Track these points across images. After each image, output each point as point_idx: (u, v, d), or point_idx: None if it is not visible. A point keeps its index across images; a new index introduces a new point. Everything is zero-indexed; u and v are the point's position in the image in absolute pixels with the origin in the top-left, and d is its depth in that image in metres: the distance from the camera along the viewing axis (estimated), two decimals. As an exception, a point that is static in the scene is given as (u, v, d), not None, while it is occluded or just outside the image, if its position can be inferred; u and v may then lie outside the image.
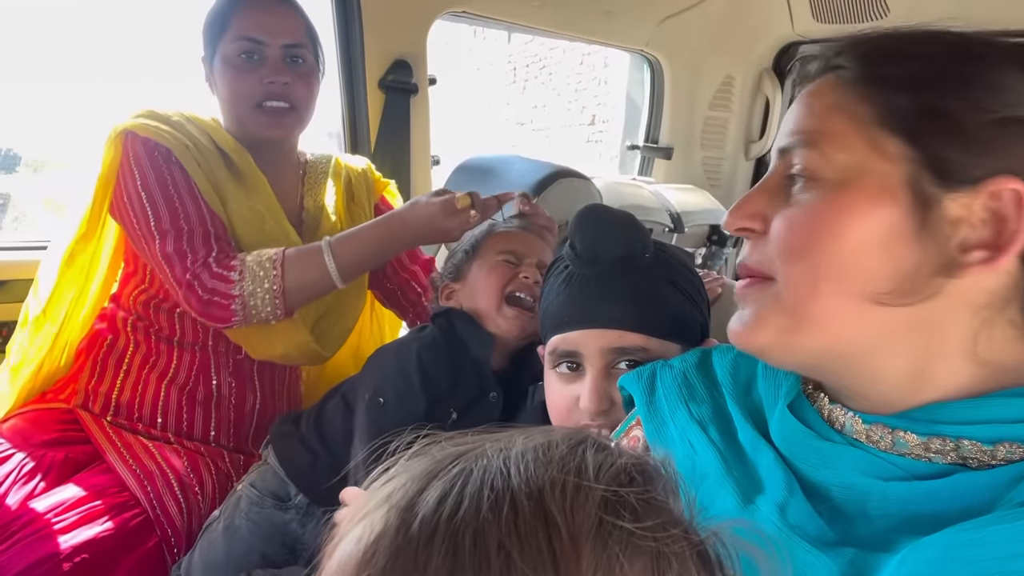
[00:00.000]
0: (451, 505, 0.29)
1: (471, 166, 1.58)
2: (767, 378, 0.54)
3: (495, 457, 0.31)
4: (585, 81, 6.19)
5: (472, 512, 0.28)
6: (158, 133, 1.04)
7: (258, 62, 1.07)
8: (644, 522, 0.30)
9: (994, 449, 0.41)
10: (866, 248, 0.43)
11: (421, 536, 0.28)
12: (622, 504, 0.30)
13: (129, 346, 1.12)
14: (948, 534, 0.37)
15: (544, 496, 0.29)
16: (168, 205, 1.02)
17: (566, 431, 0.34)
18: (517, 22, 1.96)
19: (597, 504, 0.29)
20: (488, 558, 0.27)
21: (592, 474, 0.30)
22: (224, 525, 0.99)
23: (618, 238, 0.72)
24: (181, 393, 1.11)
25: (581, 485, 0.30)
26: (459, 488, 0.30)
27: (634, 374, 0.62)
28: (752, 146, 2.34)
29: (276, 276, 1.00)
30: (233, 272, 1.00)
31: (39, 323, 1.09)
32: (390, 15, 1.65)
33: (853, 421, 0.47)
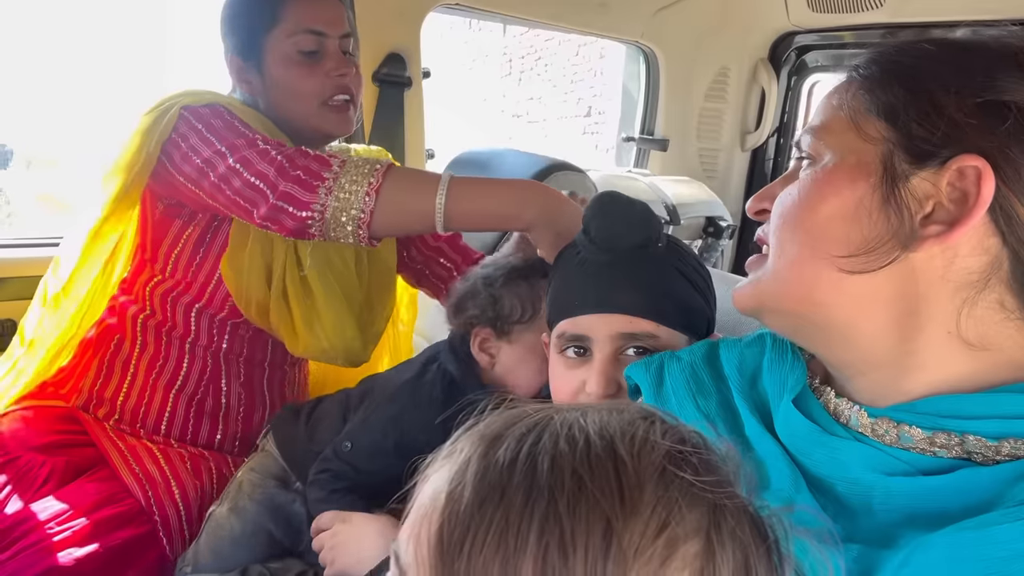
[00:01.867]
0: (532, 438, 0.33)
1: (466, 160, 1.58)
2: (772, 372, 0.54)
3: (574, 411, 0.35)
4: (581, 72, 6.17)
5: (551, 444, 0.33)
6: (212, 98, 0.98)
7: (319, 56, 1.02)
8: (704, 477, 0.33)
9: (999, 445, 0.41)
10: (837, 217, 0.47)
11: (505, 460, 0.32)
12: (685, 460, 0.33)
13: (135, 348, 1.09)
14: (952, 533, 0.37)
15: (615, 440, 0.33)
16: (231, 129, 0.93)
17: (638, 405, 0.37)
18: (511, 14, 1.94)
19: (663, 455, 0.33)
20: (563, 480, 0.31)
21: (659, 434, 0.34)
22: (229, 508, 0.98)
23: (634, 226, 0.72)
24: (189, 403, 1.08)
25: (648, 439, 0.34)
26: (540, 427, 0.34)
27: (642, 364, 0.63)
28: (748, 137, 2.33)
29: (378, 171, 0.89)
30: (334, 159, 0.90)
31: (57, 301, 1.05)
32: (383, 8, 1.64)
33: (859, 415, 0.47)
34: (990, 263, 0.43)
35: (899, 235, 0.44)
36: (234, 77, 1.07)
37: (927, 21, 1.76)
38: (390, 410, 0.92)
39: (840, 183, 0.47)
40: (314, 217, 0.89)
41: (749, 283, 0.53)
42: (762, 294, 0.51)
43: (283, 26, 1.00)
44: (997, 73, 0.42)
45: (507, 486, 0.31)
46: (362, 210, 0.88)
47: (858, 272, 0.45)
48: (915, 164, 0.44)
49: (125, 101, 3.11)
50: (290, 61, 1.01)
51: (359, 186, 0.89)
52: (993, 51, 0.44)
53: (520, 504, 0.31)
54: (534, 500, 0.31)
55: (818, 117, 0.51)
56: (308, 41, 1.01)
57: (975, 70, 0.43)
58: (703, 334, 0.75)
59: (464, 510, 0.32)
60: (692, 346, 0.64)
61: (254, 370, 1.13)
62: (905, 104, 0.45)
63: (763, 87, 2.26)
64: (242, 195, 0.91)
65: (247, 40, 1.03)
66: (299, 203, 0.89)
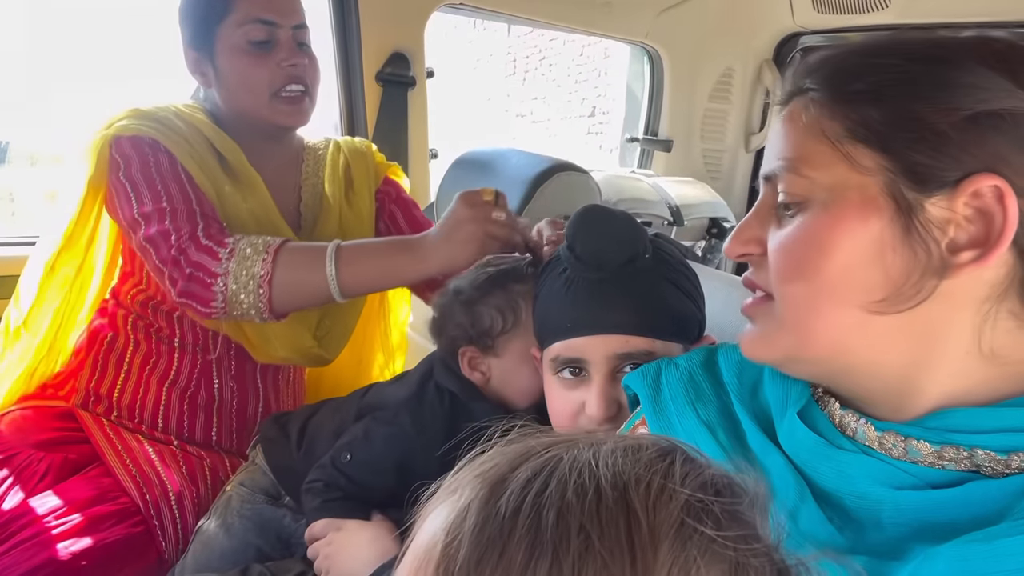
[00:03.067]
0: (539, 485, 0.30)
1: (469, 160, 1.57)
2: (775, 382, 0.53)
3: (586, 450, 0.32)
4: (585, 72, 6.16)
5: (558, 494, 0.30)
6: (139, 129, 0.98)
7: (270, 47, 1.00)
8: (726, 532, 0.30)
9: (1008, 459, 0.41)
10: (856, 261, 0.44)
11: (508, 509, 0.30)
12: (705, 511, 0.30)
13: (129, 345, 1.10)
14: (959, 545, 0.37)
15: (629, 490, 0.30)
16: (151, 190, 0.95)
17: (656, 439, 0.35)
18: (515, 14, 1.94)
19: (680, 506, 0.30)
20: (568, 537, 0.28)
21: (679, 479, 0.31)
22: (217, 524, 0.97)
23: (621, 242, 0.70)
24: (183, 396, 1.09)
25: (666, 487, 0.31)
26: (548, 471, 0.31)
27: (639, 372, 0.62)
28: (752, 138, 2.33)
29: (266, 261, 0.91)
30: (223, 249, 0.92)
31: (17, 335, 1.06)
32: (387, 8, 1.64)
33: (865, 428, 0.46)
34: (1007, 274, 0.42)
35: (929, 267, 0.42)
36: (190, 69, 1.06)
37: (934, 23, 1.76)
38: (392, 430, 0.89)
39: (850, 224, 0.43)
40: (217, 310, 0.93)
41: (761, 335, 0.49)
42: (782, 349, 0.48)
43: (234, 16, 0.99)
44: (978, 82, 0.41)
45: (507, 542, 0.29)
46: (260, 299, 0.92)
47: (890, 313, 0.43)
48: (923, 191, 0.42)
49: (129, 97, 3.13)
50: (240, 51, 1.00)
51: (251, 278, 0.91)
52: (965, 57, 0.42)
53: (521, 565, 0.28)
54: (537, 559, 0.28)
55: (789, 147, 0.47)
56: (258, 31, 0.99)
57: (952, 81, 0.42)
58: (695, 338, 0.74)
59: (459, 568, 0.29)
60: (690, 353, 0.62)
61: (245, 363, 1.13)
62: (891, 127, 0.43)
63: (768, 88, 2.25)
64: (158, 272, 0.95)
65: (200, 31, 1.01)
66: (200, 299, 0.93)
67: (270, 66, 1.00)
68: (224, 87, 1.03)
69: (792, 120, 0.47)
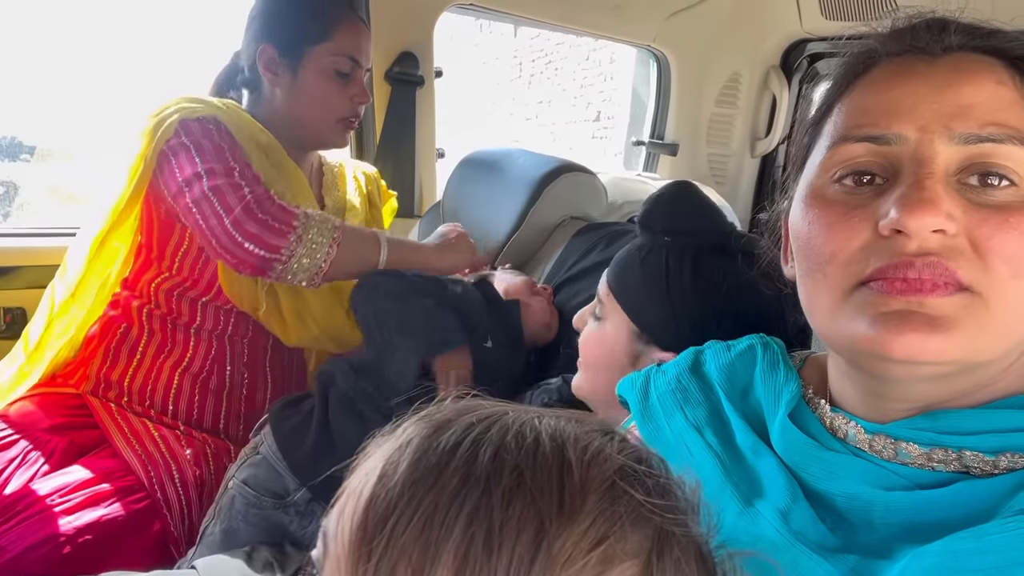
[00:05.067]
0: (480, 428, 0.31)
1: (476, 160, 1.58)
2: (767, 384, 0.53)
3: (529, 412, 0.34)
4: (591, 77, 6.17)
5: (498, 436, 0.31)
6: (203, 111, 1.05)
7: (349, 80, 1.15)
8: (655, 500, 0.30)
9: (996, 459, 0.41)
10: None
11: (448, 443, 0.31)
12: (637, 479, 0.31)
13: (143, 335, 1.13)
14: (948, 542, 0.37)
15: (567, 445, 0.31)
16: (216, 152, 1.02)
17: (601, 421, 0.35)
18: (524, 15, 1.95)
19: (614, 468, 0.31)
20: (501, 473, 0.29)
21: (615, 448, 0.32)
22: (221, 529, 0.95)
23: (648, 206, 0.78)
24: (194, 381, 1.13)
25: (603, 450, 0.31)
26: (492, 419, 0.32)
27: (628, 380, 0.62)
28: (758, 143, 2.33)
29: (337, 236, 1.03)
30: (297, 211, 1.02)
31: (66, 307, 1.10)
32: (397, 7, 1.65)
33: (856, 431, 0.46)
34: None
35: None
36: (262, 64, 1.12)
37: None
38: None
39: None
40: (280, 260, 1.01)
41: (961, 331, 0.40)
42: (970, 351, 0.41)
43: (330, 44, 1.13)
44: None
45: (443, 470, 0.30)
46: (325, 260, 1.03)
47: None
48: None
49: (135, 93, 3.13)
50: (326, 75, 1.13)
51: (325, 238, 1.03)
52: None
53: (453, 489, 0.29)
54: (468, 487, 0.29)
55: (1004, 113, 0.40)
56: (345, 64, 1.14)
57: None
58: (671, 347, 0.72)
59: (394, 487, 0.30)
60: (677, 358, 0.62)
61: (257, 352, 1.19)
62: None
63: (774, 94, 2.25)
64: (207, 222, 1.00)
65: (292, 41, 1.12)
66: (267, 245, 1.00)
67: (345, 96, 1.15)
68: (295, 96, 1.14)
69: (989, 82, 0.41)
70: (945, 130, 0.41)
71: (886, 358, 0.41)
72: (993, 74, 0.41)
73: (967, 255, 0.40)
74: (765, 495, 0.47)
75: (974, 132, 0.40)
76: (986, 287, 0.39)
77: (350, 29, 1.14)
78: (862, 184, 0.43)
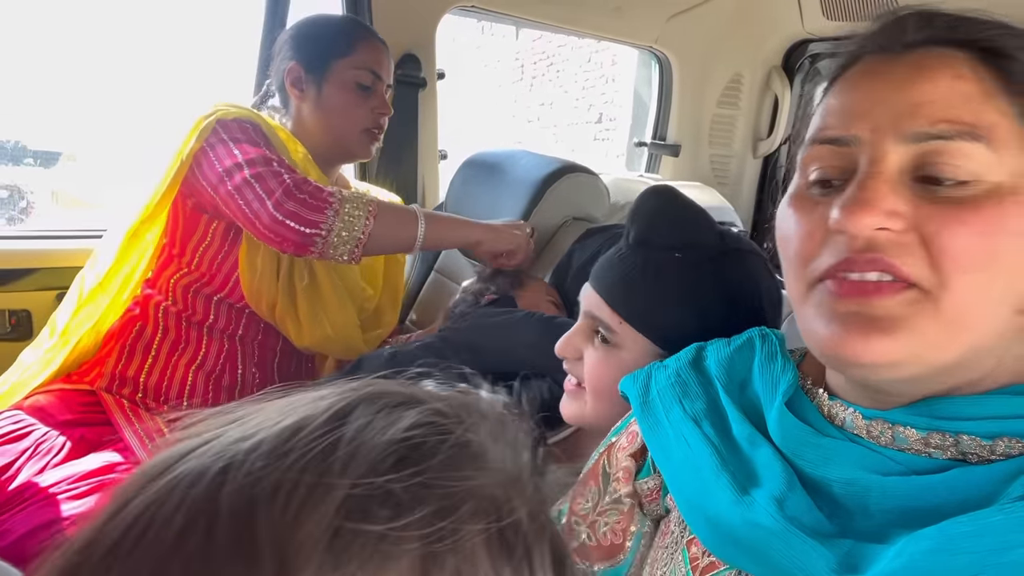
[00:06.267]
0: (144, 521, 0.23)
1: (479, 161, 1.59)
2: (764, 376, 0.54)
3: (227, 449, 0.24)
4: (593, 79, 6.18)
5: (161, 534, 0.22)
6: (240, 114, 1.12)
7: (370, 93, 1.23)
8: (406, 517, 0.23)
9: (993, 444, 0.41)
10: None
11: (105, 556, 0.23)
12: (374, 500, 0.23)
13: (157, 332, 1.17)
14: (945, 526, 0.37)
15: (257, 507, 0.22)
16: (254, 147, 1.08)
17: (331, 398, 0.27)
18: (526, 17, 1.95)
19: (335, 507, 0.23)
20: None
21: (341, 462, 0.23)
22: None
23: (642, 220, 0.74)
24: (208, 379, 1.16)
25: (319, 485, 0.23)
26: (164, 494, 0.23)
27: (630, 377, 0.63)
28: (760, 144, 2.33)
29: (373, 209, 1.08)
30: (332, 189, 1.08)
31: (93, 295, 1.13)
32: (399, 9, 1.66)
33: (854, 417, 0.46)
34: None
35: None
36: (289, 81, 1.21)
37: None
38: None
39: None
40: (320, 234, 1.06)
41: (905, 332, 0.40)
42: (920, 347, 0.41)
43: (352, 58, 1.21)
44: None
45: None
46: (363, 232, 1.07)
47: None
48: None
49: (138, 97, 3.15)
50: (349, 88, 1.22)
51: (361, 211, 1.08)
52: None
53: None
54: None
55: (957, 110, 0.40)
56: (367, 77, 1.22)
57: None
58: None
59: None
60: (679, 353, 0.62)
61: (267, 353, 1.22)
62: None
63: (776, 94, 2.26)
64: (250, 206, 1.05)
65: (317, 57, 1.21)
66: (306, 221, 1.05)
67: (367, 108, 1.23)
68: (321, 108, 1.22)
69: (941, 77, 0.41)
70: (895, 130, 0.41)
71: (842, 360, 0.42)
72: (951, 69, 0.42)
73: (916, 252, 0.40)
74: (761, 483, 0.47)
75: (924, 130, 0.41)
76: (935, 284, 0.40)
77: (371, 45, 1.23)
78: (829, 186, 0.45)
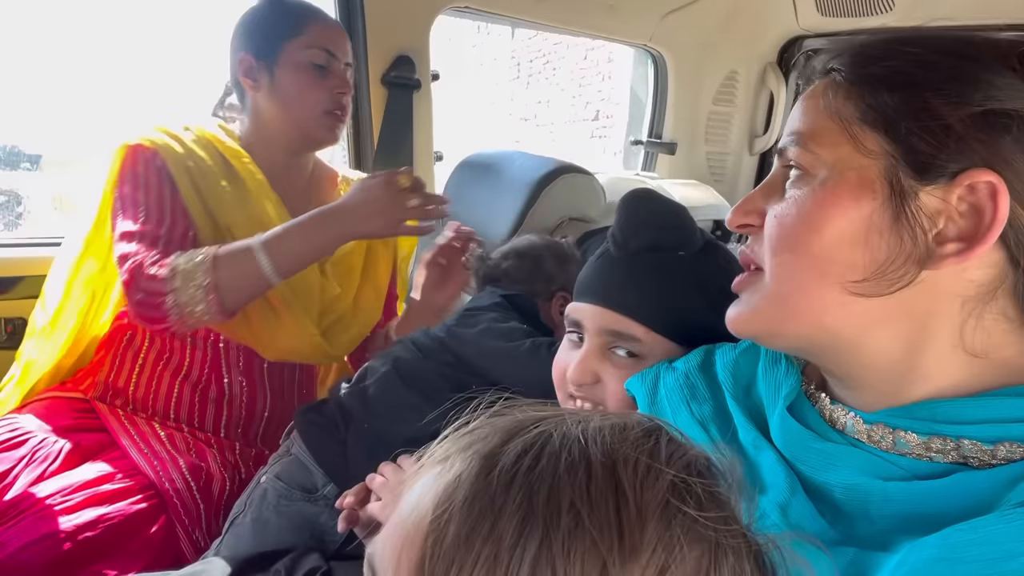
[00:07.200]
0: (530, 460, 0.30)
1: (474, 162, 1.58)
2: (767, 379, 0.54)
3: (574, 426, 0.32)
4: (589, 76, 6.17)
5: (550, 470, 0.30)
6: (152, 141, 1.08)
7: (326, 73, 1.14)
8: (707, 512, 0.30)
9: (994, 449, 0.41)
10: (844, 240, 0.45)
11: (500, 483, 0.30)
12: (689, 492, 0.31)
13: (145, 341, 1.15)
14: (946, 534, 0.37)
15: (617, 468, 0.30)
16: (133, 208, 1.04)
17: (641, 417, 0.35)
18: (520, 17, 1.95)
19: (666, 486, 0.31)
20: (559, 513, 0.29)
21: (664, 459, 0.32)
22: (252, 518, 0.97)
23: (648, 227, 0.72)
24: (194, 390, 1.14)
25: (652, 466, 0.31)
26: (539, 446, 0.31)
27: (639, 377, 0.63)
28: (756, 141, 2.33)
29: (208, 271, 0.99)
30: (164, 270, 0.99)
31: (46, 333, 1.13)
32: (392, 10, 1.65)
33: (855, 421, 0.47)
34: (997, 275, 0.43)
35: (913, 255, 0.43)
36: (240, 72, 1.15)
37: (938, 25, 1.75)
38: None
39: (844, 202, 0.45)
40: (173, 324, 1.00)
41: (748, 309, 0.50)
42: (765, 321, 0.49)
43: (303, 39, 1.13)
44: (994, 79, 0.41)
45: (498, 517, 0.29)
46: (210, 305, 0.99)
47: (871, 295, 0.44)
48: (921, 179, 0.43)
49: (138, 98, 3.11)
50: (303, 69, 1.13)
51: (198, 289, 0.99)
52: (985, 55, 0.43)
53: (512, 539, 0.28)
54: (527, 535, 0.28)
55: (803, 123, 0.48)
56: (321, 57, 1.14)
57: (970, 77, 0.42)
58: None
59: (450, 540, 0.29)
60: (688, 355, 0.63)
61: (253, 360, 1.18)
62: (901, 114, 0.43)
63: (771, 91, 2.26)
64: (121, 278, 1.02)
65: (266, 42, 1.13)
66: (153, 319, 1.00)
67: (325, 89, 1.15)
68: (277, 94, 1.14)
69: (812, 98, 0.48)
70: None
71: None
72: (814, 91, 0.49)
73: None
74: (765, 490, 0.47)
75: (784, 140, 0.50)
76: (764, 264, 0.49)
77: (321, 25, 1.16)
78: None
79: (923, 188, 0.43)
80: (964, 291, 0.43)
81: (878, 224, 0.44)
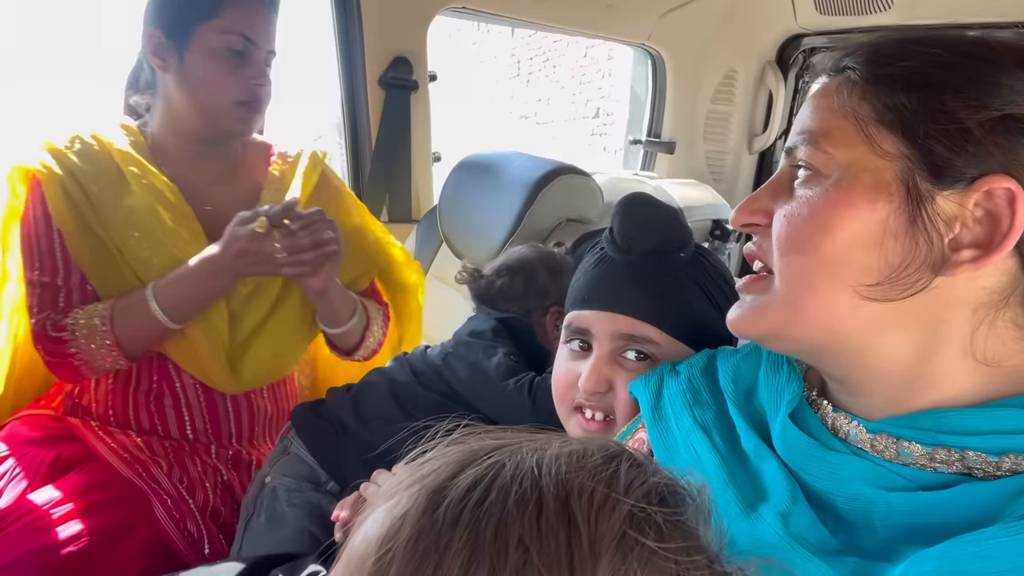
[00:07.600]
0: (479, 494, 0.29)
1: (472, 163, 1.58)
2: (769, 385, 0.53)
3: (529, 456, 0.31)
4: (589, 74, 6.16)
5: (498, 504, 0.29)
6: (42, 165, 1.01)
7: (243, 60, 1.04)
8: (668, 543, 0.29)
9: (999, 460, 0.41)
10: (858, 243, 0.44)
11: (446, 520, 0.29)
12: (648, 522, 0.30)
13: None
14: (950, 546, 0.37)
15: (571, 500, 0.29)
16: (28, 254, 1.02)
17: (603, 443, 0.34)
18: (517, 17, 1.95)
19: (623, 517, 0.29)
20: (506, 551, 0.27)
21: (623, 488, 0.30)
22: (267, 517, 0.97)
23: (653, 230, 0.72)
24: (147, 399, 1.10)
25: (610, 496, 0.30)
26: (489, 479, 0.30)
27: (642, 380, 0.63)
28: (755, 140, 2.32)
29: (106, 331, 0.99)
30: (66, 332, 0.99)
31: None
32: (389, 12, 1.65)
33: (858, 430, 0.46)
34: (1009, 283, 0.42)
35: (928, 261, 0.42)
36: (149, 50, 1.05)
37: (937, 23, 1.75)
38: None
39: (858, 204, 0.43)
40: (88, 375, 1.02)
41: (753, 309, 0.49)
42: (771, 323, 0.48)
43: (219, 22, 1.02)
44: (1014, 84, 0.41)
45: (443, 555, 0.28)
46: (118, 358, 1.01)
47: (882, 300, 0.43)
48: (938, 183, 0.41)
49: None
50: (217, 56, 1.03)
51: (101, 347, 0.99)
52: (1006, 58, 0.42)
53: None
54: (473, 574, 0.27)
55: (814, 121, 0.47)
56: (239, 43, 1.03)
57: (990, 80, 0.41)
58: None
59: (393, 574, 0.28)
60: (691, 358, 0.63)
61: None
62: (919, 116, 0.42)
63: (770, 89, 2.25)
64: None
65: (178, 21, 1.03)
66: (68, 374, 1.02)
67: (240, 78, 1.04)
68: (185, 80, 1.05)
69: (824, 96, 0.47)
70: None
71: None
72: (826, 89, 0.48)
73: None
74: (767, 498, 0.47)
75: (793, 139, 0.48)
76: (774, 266, 0.48)
77: (242, 6, 1.04)
78: None
79: (940, 192, 0.42)
80: (976, 298, 0.42)
81: (893, 228, 0.43)
